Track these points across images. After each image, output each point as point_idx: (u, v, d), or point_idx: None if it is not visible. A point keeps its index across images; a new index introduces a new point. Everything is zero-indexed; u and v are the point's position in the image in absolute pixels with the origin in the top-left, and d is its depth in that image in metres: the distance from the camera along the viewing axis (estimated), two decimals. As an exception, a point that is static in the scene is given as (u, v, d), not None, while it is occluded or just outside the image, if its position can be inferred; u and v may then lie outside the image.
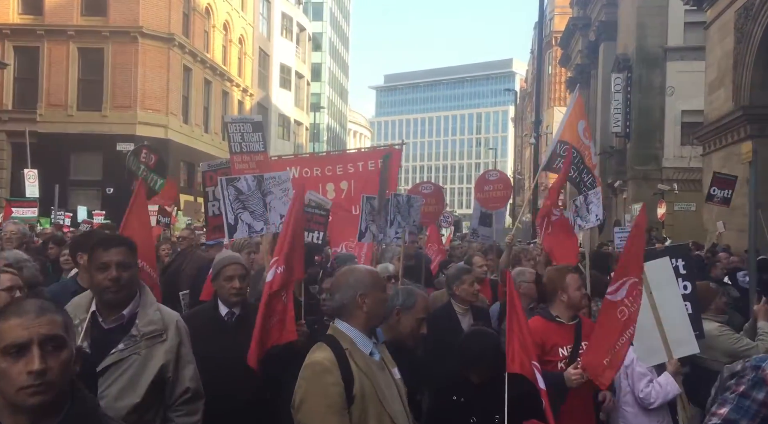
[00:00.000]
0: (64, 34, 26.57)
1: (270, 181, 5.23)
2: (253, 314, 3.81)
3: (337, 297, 2.82)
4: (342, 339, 2.72)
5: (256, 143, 6.47)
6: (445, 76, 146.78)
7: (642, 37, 24.26)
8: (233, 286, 3.82)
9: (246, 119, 6.61)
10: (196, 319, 3.79)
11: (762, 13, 13.60)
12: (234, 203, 5.13)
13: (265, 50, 41.10)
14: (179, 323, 3.09)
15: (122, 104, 26.87)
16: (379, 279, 2.89)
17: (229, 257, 4.05)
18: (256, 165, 6.33)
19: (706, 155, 17.21)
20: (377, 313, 2.83)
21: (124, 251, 2.98)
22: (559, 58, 47.58)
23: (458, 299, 5.13)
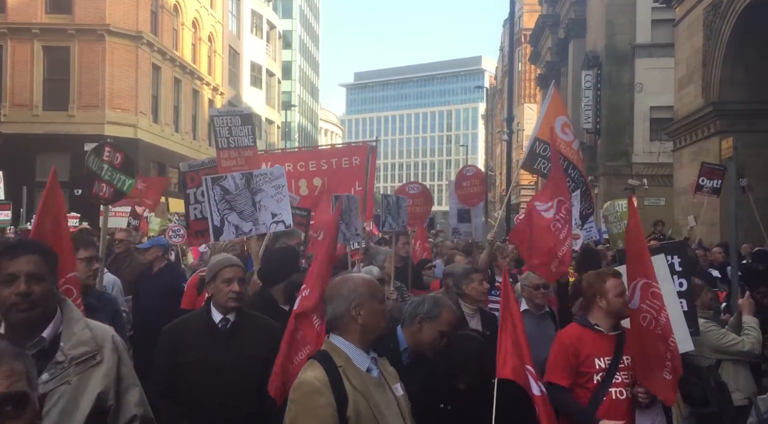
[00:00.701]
0: (28, 32, 25.93)
1: (260, 178, 4.96)
2: (250, 321, 3.66)
3: (330, 310, 2.60)
4: (336, 355, 2.50)
5: (245, 137, 6.06)
6: (415, 74, 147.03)
7: (611, 35, 24.55)
8: (232, 289, 3.58)
9: (234, 112, 6.23)
10: (186, 327, 3.64)
11: (730, 10, 13.84)
12: (220, 204, 4.88)
13: (235, 48, 40.69)
14: (115, 338, 2.56)
15: (90, 104, 26.34)
16: (376, 288, 2.65)
17: (227, 258, 3.83)
18: (245, 161, 5.92)
19: (676, 150, 17.50)
20: (375, 325, 2.59)
21: (36, 259, 2.37)
22: (528, 56, 47.98)
23: (468, 300, 4.93)
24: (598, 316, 3.74)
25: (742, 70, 14.23)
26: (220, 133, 5.95)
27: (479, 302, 4.98)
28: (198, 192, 5.63)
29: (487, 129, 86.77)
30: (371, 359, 2.57)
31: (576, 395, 3.60)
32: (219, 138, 5.95)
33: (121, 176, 5.18)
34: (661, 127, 21.40)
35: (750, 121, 14.15)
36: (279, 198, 5.00)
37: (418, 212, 8.84)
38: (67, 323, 2.45)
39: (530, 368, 3.24)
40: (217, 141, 5.97)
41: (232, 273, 3.62)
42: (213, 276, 3.66)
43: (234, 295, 3.59)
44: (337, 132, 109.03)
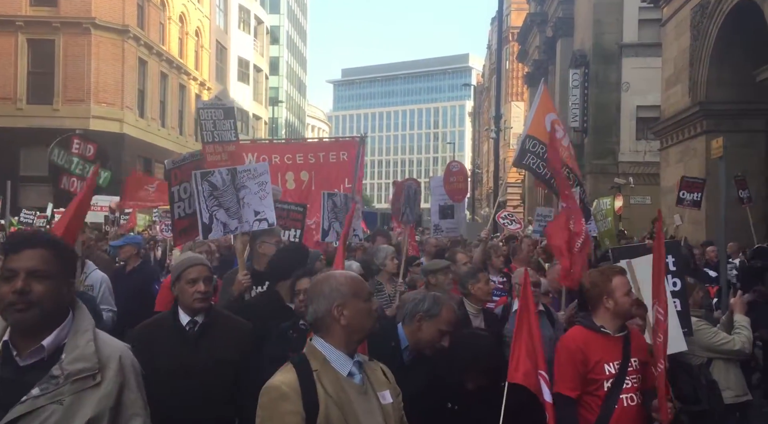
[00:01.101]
0: (12, 24, 25.63)
1: (244, 174, 4.80)
2: (219, 322, 3.50)
3: (311, 309, 2.40)
4: (313, 358, 2.34)
5: (228, 132, 5.84)
6: (402, 71, 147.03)
7: (598, 34, 24.65)
8: (197, 289, 3.40)
9: (217, 105, 5.97)
10: (151, 330, 3.47)
11: (717, 11, 13.94)
12: (209, 200, 4.72)
13: (223, 43, 40.45)
14: (124, 358, 2.23)
15: (75, 98, 26.08)
16: (361, 286, 2.45)
17: (192, 257, 3.68)
18: (228, 156, 5.74)
19: (663, 150, 17.61)
20: (359, 326, 2.39)
21: (41, 254, 2.12)
22: (516, 54, 48.10)
23: (473, 299, 4.88)
24: (604, 317, 3.50)
25: (728, 70, 14.34)
26: (205, 127, 5.75)
27: (484, 301, 4.92)
28: (181, 189, 5.47)
29: (474, 127, 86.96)
30: (355, 362, 2.39)
31: (586, 403, 3.42)
32: (204, 132, 5.76)
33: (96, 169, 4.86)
34: (648, 126, 21.53)
35: (736, 121, 14.27)
36: (262, 195, 4.84)
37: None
38: (74, 333, 2.16)
39: (543, 374, 3.15)
40: (203, 135, 5.76)
41: (197, 273, 3.46)
42: (177, 277, 3.50)
43: (200, 295, 3.42)
44: (324, 128, 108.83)
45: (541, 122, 7.28)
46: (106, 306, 5.62)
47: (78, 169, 4.84)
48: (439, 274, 5.45)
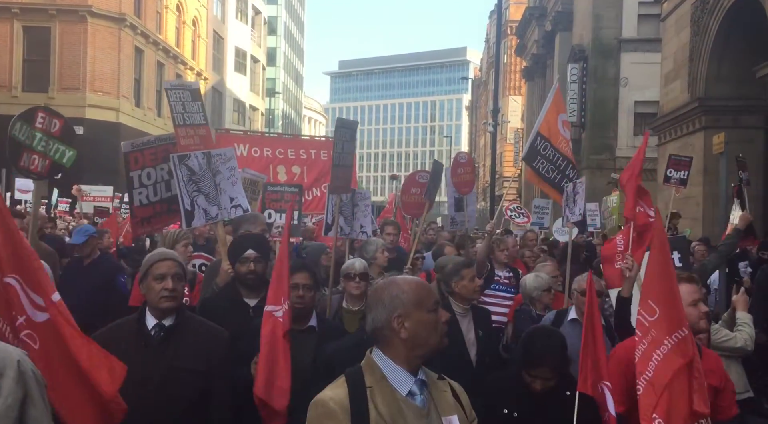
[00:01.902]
0: (8, 11, 25.42)
1: (216, 158, 4.56)
2: (190, 327, 3.20)
3: (369, 318, 2.19)
4: (369, 373, 2.11)
5: (197, 114, 5.43)
6: (400, 64, 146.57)
7: (597, 29, 24.60)
8: (165, 287, 3.09)
9: (184, 85, 5.53)
10: (112, 334, 3.13)
11: (718, 6, 13.89)
12: (188, 185, 4.45)
13: (220, 33, 40.22)
14: (23, 366, 1.91)
15: (70, 86, 25.90)
16: (425, 295, 2.18)
17: (160, 252, 3.37)
18: (200, 140, 5.35)
19: (661, 145, 17.58)
20: (422, 341, 2.13)
21: None
22: (514, 48, 47.98)
23: (458, 298, 4.59)
24: None
25: (728, 67, 14.30)
26: (175, 109, 5.28)
27: (470, 300, 4.67)
28: (144, 174, 5.10)
29: (471, 120, 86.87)
30: (417, 381, 2.13)
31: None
32: (175, 114, 5.30)
33: (60, 146, 4.37)
34: (646, 121, 21.50)
35: (735, 117, 14.25)
36: (233, 181, 4.62)
37: (422, 201, 8.65)
38: None
39: (608, 384, 2.99)
40: (174, 117, 5.35)
41: (166, 268, 3.15)
42: (145, 272, 3.20)
43: (167, 293, 3.10)
44: (320, 120, 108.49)
45: (554, 122, 7.29)
46: None
47: (41, 146, 4.32)
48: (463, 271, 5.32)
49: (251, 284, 4.03)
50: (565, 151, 7.12)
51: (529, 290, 5.34)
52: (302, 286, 3.73)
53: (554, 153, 7.13)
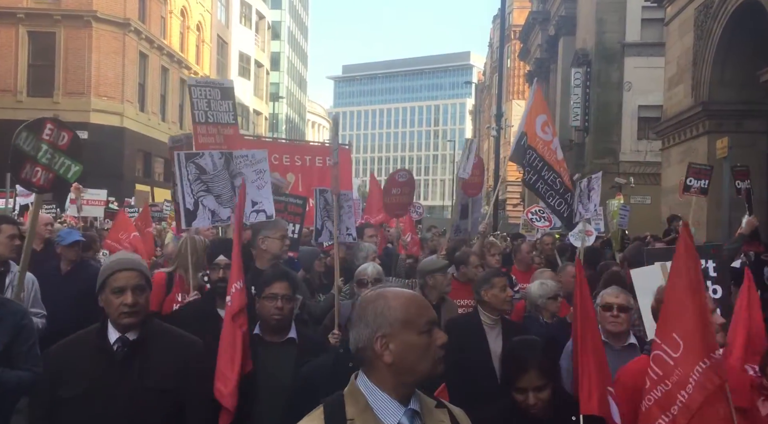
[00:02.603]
0: (14, 16, 25.58)
1: (241, 160, 4.38)
2: (158, 335, 2.87)
3: (352, 337, 1.90)
4: (353, 402, 1.82)
5: (225, 113, 5.26)
6: (403, 68, 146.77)
7: (601, 33, 24.60)
8: (124, 302, 2.73)
9: (214, 83, 5.38)
10: (70, 350, 2.81)
11: (722, 11, 13.87)
12: (194, 184, 4.26)
13: (224, 38, 40.36)
14: None
15: (75, 91, 26.02)
16: (417, 313, 1.85)
17: (120, 260, 2.93)
18: (225, 140, 5.21)
19: (664, 150, 17.56)
20: (409, 367, 1.81)
21: None
22: (518, 52, 48.01)
23: (488, 308, 4.33)
24: None
25: (732, 71, 14.28)
26: (197, 106, 5.17)
27: (500, 311, 4.39)
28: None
29: (475, 125, 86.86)
30: (408, 411, 1.82)
31: None
32: (196, 111, 5.15)
33: (66, 160, 4.14)
34: (649, 126, 21.48)
35: (739, 121, 14.21)
36: (260, 184, 4.45)
37: (404, 201, 8.57)
38: None
39: (611, 390, 2.79)
40: (194, 114, 5.15)
41: (124, 280, 2.78)
42: (102, 284, 2.82)
43: (127, 309, 2.74)
44: (324, 124, 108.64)
45: (533, 123, 7.24)
46: (37, 310, 4.58)
47: (45, 159, 4.05)
48: (437, 274, 5.06)
49: (222, 292, 3.76)
50: (543, 153, 7.03)
51: (534, 298, 5.13)
52: (281, 296, 3.47)
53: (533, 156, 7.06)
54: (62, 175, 4.15)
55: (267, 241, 4.65)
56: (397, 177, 8.65)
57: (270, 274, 3.64)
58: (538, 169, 7.01)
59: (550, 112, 7.92)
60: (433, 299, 5.12)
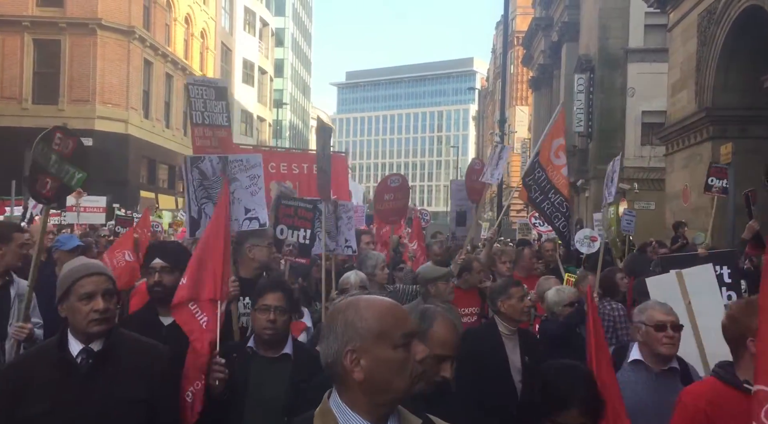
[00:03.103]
0: (19, 25, 25.72)
1: (235, 164, 4.14)
2: (125, 344, 2.69)
3: (321, 349, 1.71)
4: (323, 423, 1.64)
5: (219, 114, 5.02)
6: (407, 74, 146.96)
7: (604, 39, 24.64)
8: (95, 308, 2.56)
9: (209, 82, 5.13)
10: (30, 365, 2.61)
11: (725, 17, 13.89)
12: (198, 191, 4.09)
13: (228, 45, 40.51)
14: None
15: (80, 98, 26.14)
16: (393, 324, 1.65)
17: (86, 265, 2.73)
18: (219, 143, 4.92)
19: (668, 155, 17.55)
20: (383, 385, 1.62)
21: None
22: (521, 58, 48.08)
23: (505, 318, 4.24)
24: (747, 369, 2.46)
25: (735, 76, 14.29)
26: (194, 106, 4.90)
27: (518, 321, 4.28)
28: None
29: (478, 131, 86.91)
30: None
31: None
32: (194, 111, 4.91)
33: (71, 168, 4.08)
34: (653, 131, 21.48)
35: (742, 127, 14.22)
36: (254, 190, 4.18)
37: (399, 206, 8.29)
38: None
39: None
40: (192, 115, 4.91)
41: (93, 285, 2.61)
42: (65, 291, 2.63)
43: (98, 316, 2.57)
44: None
45: (548, 145, 7.23)
46: (36, 320, 4.30)
47: (54, 169, 4.01)
48: (439, 282, 4.93)
49: (157, 297, 3.62)
50: (552, 177, 7.02)
51: (550, 306, 5.07)
52: (274, 308, 3.25)
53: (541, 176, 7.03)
54: (66, 183, 4.13)
55: (255, 249, 4.49)
56: (388, 182, 8.40)
57: (263, 284, 3.48)
58: (546, 190, 7.03)
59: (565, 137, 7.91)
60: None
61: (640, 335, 3.37)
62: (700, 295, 3.42)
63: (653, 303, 3.48)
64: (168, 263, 3.65)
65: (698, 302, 3.40)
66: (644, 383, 3.24)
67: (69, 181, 4.14)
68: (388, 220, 8.31)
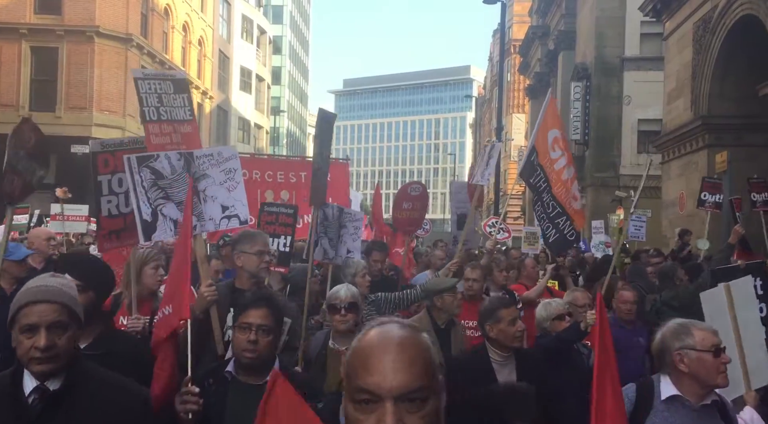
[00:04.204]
0: (16, 32, 25.73)
1: (204, 159, 3.78)
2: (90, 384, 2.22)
3: None
4: None
5: (181, 109, 4.52)
6: (404, 82, 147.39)
7: (600, 47, 24.75)
8: (36, 345, 2.09)
9: (164, 75, 4.67)
10: None
11: (720, 26, 13.98)
12: (151, 191, 3.67)
13: (225, 53, 40.57)
14: None
15: (77, 105, 26.14)
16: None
17: (32, 289, 2.21)
18: (182, 139, 4.48)
19: (665, 163, 17.61)
20: None
21: None
22: (518, 66, 48.25)
23: (496, 344, 3.77)
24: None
25: (731, 85, 14.36)
26: (146, 102, 4.40)
27: (510, 348, 3.79)
28: (114, 180, 4.27)
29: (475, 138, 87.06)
30: None
31: None
32: (146, 107, 4.40)
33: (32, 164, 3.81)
34: (649, 139, 21.56)
35: (738, 135, 14.28)
36: (231, 186, 3.82)
37: (415, 217, 7.97)
38: None
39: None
40: (143, 111, 4.42)
41: (36, 317, 2.12)
42: (11, 319, 2.17)
43: (38, 354, 2.09)
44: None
45: (545, 140, 6.95)
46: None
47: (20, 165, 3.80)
48: (446, 295, 4.64)
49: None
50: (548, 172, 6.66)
51: (540, 322, 4.70)
52: (256, 327, 2.84)
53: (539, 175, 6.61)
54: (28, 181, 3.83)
55: (243, 256, 4.09)
56: (408, 190, 8.12)
57: (246, 298, 3.10)
58: (540, 191, 6.69)
59: (564, 126, 7.52)
60: (442, 322, 4.81)
61: (686, 363, 2.79)
62: (743, 308, 3.33)
63: (694, 324, 2.91)
64: (81, 282, 2.89)
65: (741, 315, 3.30)
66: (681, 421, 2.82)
67: (30, 179, 3.88)
68: (403, 229, 8.05)
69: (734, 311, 3.26)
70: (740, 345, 3.25)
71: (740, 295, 3.34)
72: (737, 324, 3.26)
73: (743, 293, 3.34)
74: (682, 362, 2.80)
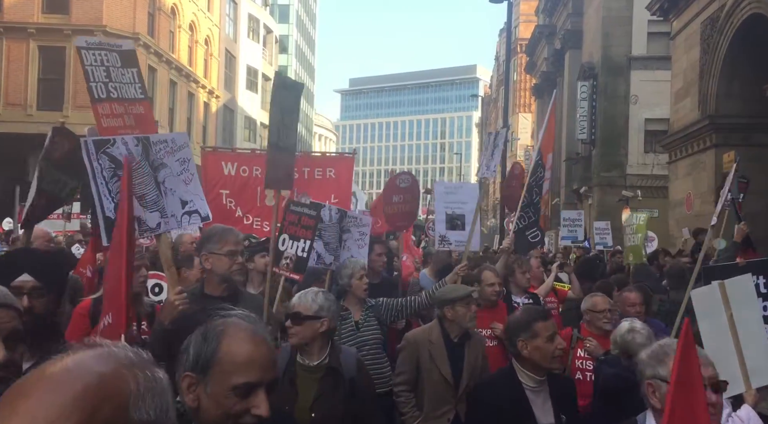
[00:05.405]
0: (24, 31, 25.85)
1: (160, 146, 3.25)
2: None
3: None
4: None
5: (131, 85, 3.82)
6: (410, 81, 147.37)
7: (607, 46, 24.69)
8: None
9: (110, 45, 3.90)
10: None
11: (727, 25, 13.91)
12: (111, 183, 3.13)
13: (232, 52, 40.65)
14: None
15: (84, 104, 26.15)
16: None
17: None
18: (135, 120, 3.81)
19: (672, 163, 17.55)
20: None
21: None
22: (524, 65, 48.16)
23: (528, 365, 3.09)
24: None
25: (738, 84, 14.29)
26: (93, 76, 3.70)
27: (545, 370, 3.13)
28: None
29: (481, 137, 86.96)
30: None
31: None
32: (93, 83, 3.70)
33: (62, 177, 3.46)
34: (656, 139, 21.50)
35: (746, 134, 14.21)
36: (186, 178, 3.31)
37: (407, 209, 7.44)
38: None
39: None
40: (90, 87, 3.71)
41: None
42: None
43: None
44: (331, 137, 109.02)
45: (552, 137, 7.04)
46: None
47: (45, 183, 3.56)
48: (458, 305, 4.14)
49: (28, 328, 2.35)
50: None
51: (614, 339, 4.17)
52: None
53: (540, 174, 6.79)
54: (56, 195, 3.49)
55: (211, 258, 3.59)
56: (397, 182, 7.58)
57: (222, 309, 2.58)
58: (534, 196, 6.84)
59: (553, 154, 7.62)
60: (455, 335, 4.22)
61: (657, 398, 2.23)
62: (740, 306, 3.24)
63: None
64: (40, 282, 2.54)
65: (739, 314, 3.22)
66: None
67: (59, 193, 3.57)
68: (396, 225, 7.60)
69: (731, 309, 3.20)
70: (738, 344, 3.21)
71: (737, 293, 3.28)
72: (734, 323, 3.21)
73: (741, 291, 3.28)
74: (654, 395, 2.24)
